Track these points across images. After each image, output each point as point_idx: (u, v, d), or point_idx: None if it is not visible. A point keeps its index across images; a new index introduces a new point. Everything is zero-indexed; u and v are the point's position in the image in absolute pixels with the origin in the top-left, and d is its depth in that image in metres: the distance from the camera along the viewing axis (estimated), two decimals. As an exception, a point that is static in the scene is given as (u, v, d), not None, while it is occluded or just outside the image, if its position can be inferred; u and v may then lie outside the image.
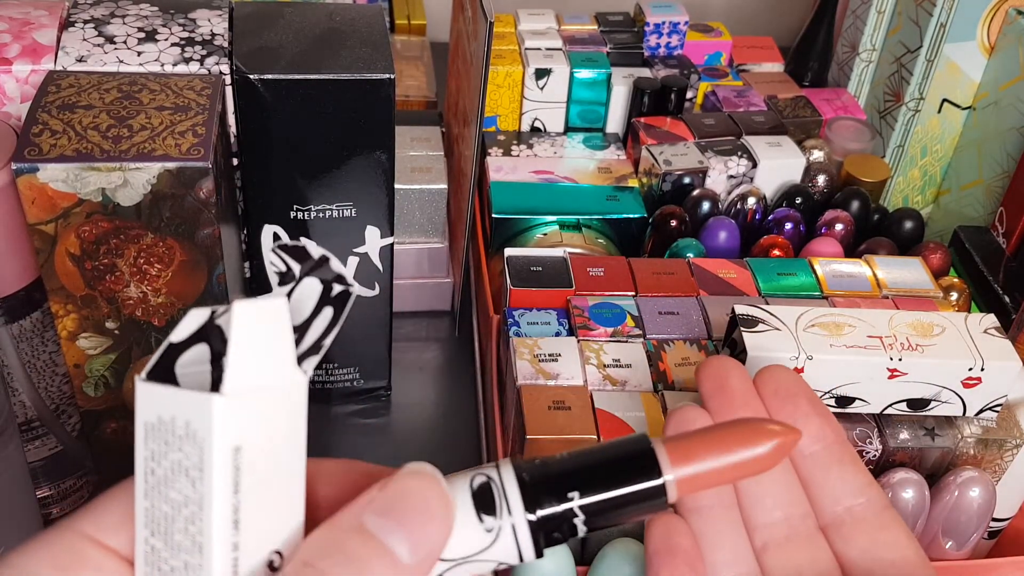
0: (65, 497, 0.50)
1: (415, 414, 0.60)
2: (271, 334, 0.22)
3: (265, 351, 0.22)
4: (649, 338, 0.48)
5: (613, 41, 0.71)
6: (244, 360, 0.21)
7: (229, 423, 0.21)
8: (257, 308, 0.22)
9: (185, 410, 0.21)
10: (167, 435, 0.22)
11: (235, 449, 0.21)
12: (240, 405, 0.21)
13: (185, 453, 0.22)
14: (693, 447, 0.25)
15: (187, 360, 0.22)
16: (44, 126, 0.38)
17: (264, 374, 0.22)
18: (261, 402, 0.22)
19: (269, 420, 0.22)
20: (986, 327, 0.44)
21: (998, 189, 0.64)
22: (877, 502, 0.28)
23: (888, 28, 0.70)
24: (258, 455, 0.22)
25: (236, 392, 0.21)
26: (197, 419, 0.21)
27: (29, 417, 0.46)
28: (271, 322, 0.22)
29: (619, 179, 0.63)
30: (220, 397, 0.21)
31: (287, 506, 0.23)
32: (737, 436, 0.25)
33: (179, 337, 0.22)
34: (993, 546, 0.49)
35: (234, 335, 0.21)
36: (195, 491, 0.22)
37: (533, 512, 0.24)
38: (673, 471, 0.24)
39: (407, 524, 0.22)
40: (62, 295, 0.41)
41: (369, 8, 0.49)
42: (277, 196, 0.48)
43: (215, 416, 0.21)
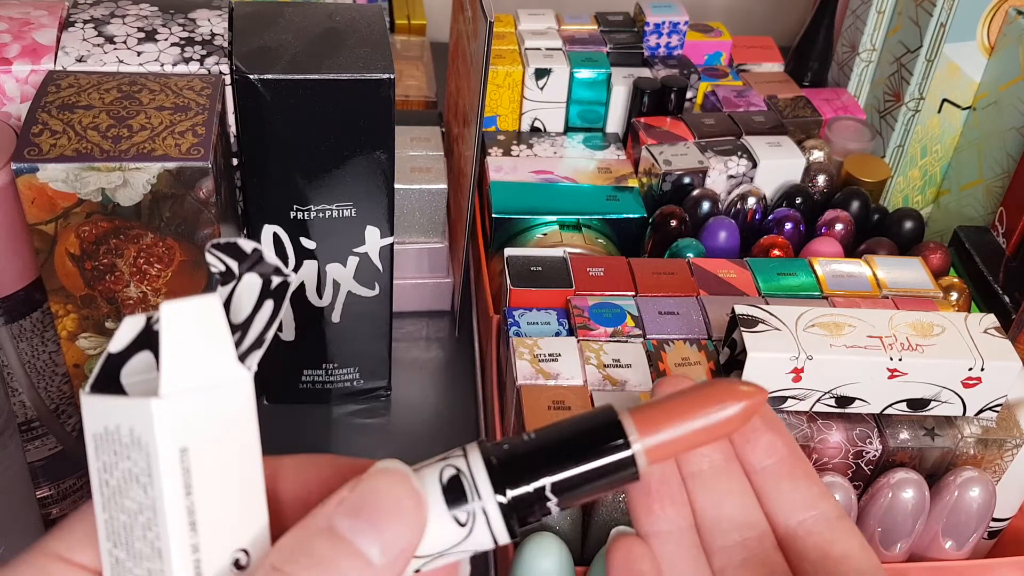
0: (65, 497, 0.50)
1: (415, 414, 0.60)
2: (205, 332, 0.22)
3: (201, 350, 0.22)
4: (649, 338, 0.48)
5: (613, 41, 0.71)
6: (179, 361, 0.21)
7: (171, 425, 0.21)
8: (186, 307, 0.21)
9: (128, 417, 0.21)
10: (115, 445, 0.22)
11: (181, 450, 0.21)
12: (180, 405, 0.21)
13: (133, 460, 0.21)
14: (659, 415, 0.25)
15: (131, 369, 0.22)
16: (44, 126, 0.38)
17: (203, 373, 0.22)
18: (203, 401, 0.22)
19: (214, 418, 0.22)
20: (986, 327, 0.44)
21: (998, 189, 0.64)
22: (830, 513, 0.28)
23: (888, 28, 0.70)
24: (207, 454, 0.22)
25: (174, 393, 0.21)
26: (140, 424, 0.21)
27: (29, 417, 0.46)
28: (203, 320, 0.22)
29: (619, 179, 0.63)
30: (158, 400, 0.21)
31: (247, 504, 0.23)
32: (703, 400, 0.25)
33: (117, 347, 0.22)
34: (993, 546, 0.49)
35: (165, 337, 0.21)
36: (147, 497, 0.22)
37: (503, 494, 0.23)
38: (641, 441, 0.24)
39: (378, 524, 0.22)
40: (62, 295, 0.41)
41: (369, 8, 0.49)
42: (277, 196, 0.48)
43: (155, 419, 0.21)
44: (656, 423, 0.24)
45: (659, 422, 0.24)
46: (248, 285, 0.23)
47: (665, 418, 0.24)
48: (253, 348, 0.23)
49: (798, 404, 0.43)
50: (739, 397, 0.25)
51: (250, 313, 0.23)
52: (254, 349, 0.23)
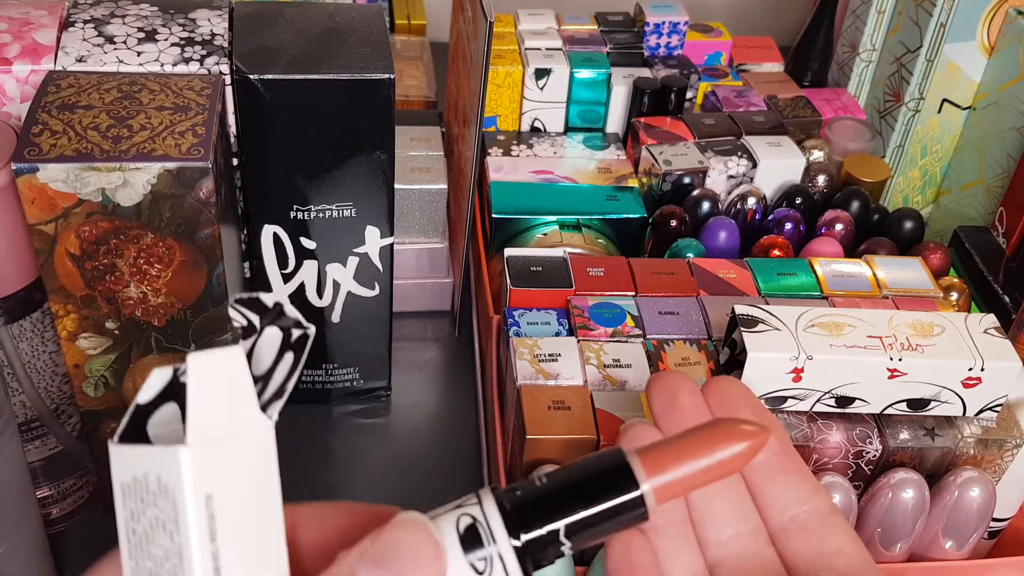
0: (65, 497, 0.50)
1: (415, 414, 0.60)
2: (230, 382, 0.23)
3: (226, 399, 0.23)
4: (649, 338, 0.48)
5: (613, 41, 0.71)
6: (206, 410, 0.22)
7: (197, 472, 0.22)
8: (212, 359, 0.22)
9: (156, 466, 0.22)
10: (142, 493, 0.22)
11: (207, 497, 0.22)
12: (207, 453, 0.22)
13: (160, 508, 0.22)
14: (666, 455, 0.25)
15: (158, 420, 0.23)
16: (44, 126, 0.38)
17: (228, 422, 0.23)
18: (228, 449, 0.22)
19: (238, 466, 0.23)
20: (986, 327, 0.44)
21: (998, 189, 0.64)
22: (822, 508, 0.28)
23: (888, 28, 0.70)
24: (231, 501, 0.22)
25: (201, 441, 0.22)
26: (167, 472, 0.22)
27: (29, 417, 0.46)
28: (228, 371, 0.23)
29: (619, 179, 0.63)
30: (186, 448, 0.22)
31: (268, 550, 0.24)
32: (707, 440, 0.26)
33: (145, 398, 0.23)
34: (993, 546, 0.49)
35: (192, 388, 0.22)
36: (173, 543, 0.22)
37: (517, 538, 0.24)
38: (649, 481, 0.25)
39: (400, 573, 0.23)
40: (62, 295, 0.41)
41: (369, 8, 0.49)
42: (277, 196, 0.48)
43: (183, 467, 0.22)
44: (663, 464, 0.25)
45: (666, 463, 0.25)
46: (269, 338, 0.24)
47: (672, 459, 0.25)
48: (274, 398, 0.24)
49: (798, 404, 0.43)
50: (743, 437, 0.26)
51: (271, 364, 0.24)
52: (275, 399, 0.24)
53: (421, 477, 0.56)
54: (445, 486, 0.55)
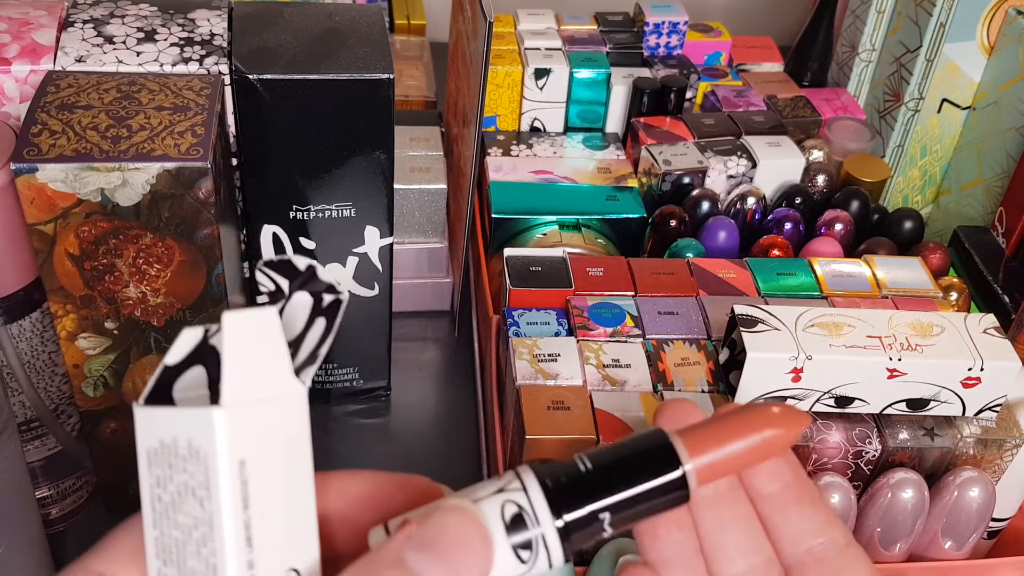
0: (64, 497, 0.50)
1: (415, 414, 0.60)
2: (265, 344, 0.22)
3: (261, 362, 0.22)
4: (649, 338, 0.48)
5: (613, 41, 0.71)
6: (241, 372, 0.21)
7: (232, 436, 0.21)
8: (247, 319, 0.21)
9: (186, 429, 0.21)
10: (170, 458, 0.21)
11: (240, 463, 0.21)
12: (241, 416, 0.21)
13: (190, 473, 0.21)
14: (707, 437, 0.25)
15: (185, 383, 0.22)
16: (43, 126, 0.38)
17: (262, 385, 0.22)
18: (262, 413, 0.22)
19: (272, 431, 0.22)
20: (986, 327, 0.44)
21: (998, 189, 0.64)
22: (838, 540, 0.28)
23: (888, 28, 0.70)
24: (264, 468, 0.22)
25: (236, 403, 0.21)
26: (199, 436, 0.21)
27: (29, 417, 0.46)
28: (263, 332, 0.22)
29: (619, 179, 0.63)
30: (220, 410, 0.21)
31: (299, 520, 0.23)
32: (750, 421, 0.26)
33: (174, 359, 0.22)
34: (993, 546, 0.49)
35: (227, 348, 0.21)
36: (204, 511, 0.21)
37: (560, 517, 0.24)
38: (692, 461, 0.25)
39: (448, 560, 0.22)
40: (61, 295, 0.41)
41: (368, 8, 0.49)
42: (276, 196, 0.48)
43: (217, 429, 0.21)
44: (705, 445, 0.25)
45: (707, 444, 0.25)
46: (300, 301, 0.23)
47: (714, 440, 0.25)
48: (307, 363, 0.23)
49: (797, 404, 0.43)
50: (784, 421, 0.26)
51: (303, 328, 0.23)
52: (308, 364, 0.23)
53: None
54: (445, 486, 0.55)
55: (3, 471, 0.39)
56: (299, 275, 0.23)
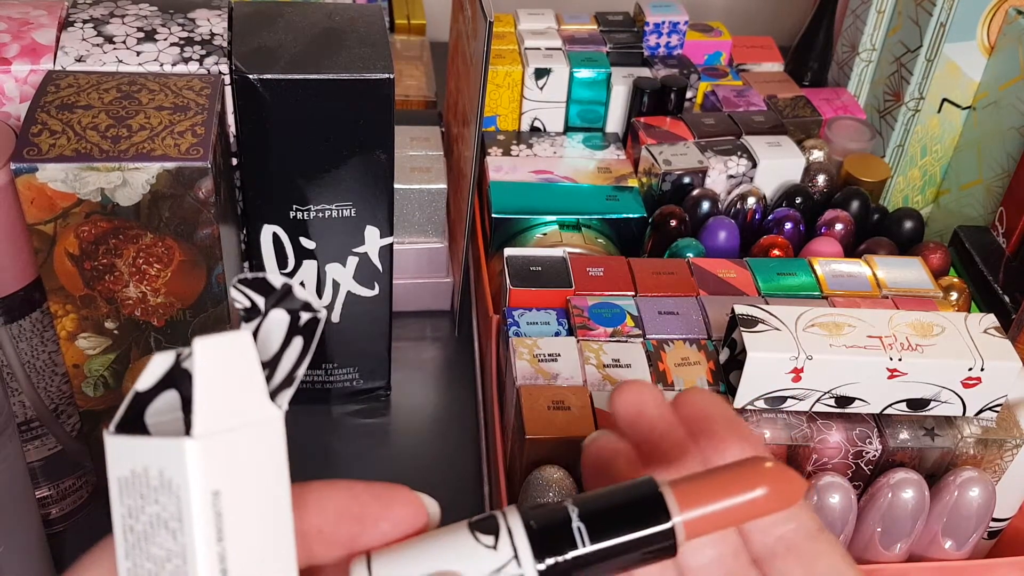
0: (64, 497, 0.50)
1: (415, 414, 0.60)
2: (238, 369, 0.21)
3: (234, 388, 0.21)
4: (649, 338, 0.48)
5: (613, 41, 0.71)
6: (213, 399, 0.21)
7: (205, 467, 0.20)
8: (219, 344, 0.21)
9: (158, 459, 0.20)
10: (142, 488, 0.21)
11: (214, 494, 0.21)
12: (214, 447, 0.20)
13: (162, 505, 0.21)
14: (699, 490, 0.24)
15: (157, 408, 0.22)
16: (43, 126, 0.38)
17: (236, 412, 0.21)
18: (236, 442, 0.21)
19: (247, 459, 0.21)
20: (986, 327, 0.44)
21: (998, 189, 0.64)
22: (809, 525, 0.27)
23: (888, 28, 0.70)
24: (238, 497, 0.21)
25: (208, 433, 0.20)
26: (171, 466, 0.20)
27: (28, 417, 0.46)
28: (236, 357, 0.21)
29: (619, 179, 0.63)
30: (192, 440, 0.20)
31: (277, 548, 0.22)
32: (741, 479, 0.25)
33: (145, 385, 0.21)
34: (993, 546, 0.49)
35: (198, 374, 0.20)
36: (176, 543, 0.21)
37: (541, 561, 0.23)
38: (682, 514, 0.24)
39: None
40: (61, 295, 0.41)
41: (368, 8, 0.49)
42: (276, 196, 0.48)
43: (188, 461, 0.20)
44: (696, 498, 0.24)
45: (699, 497, 0.24)
46: (275, 321, 0.23)
47: (705, 494, 0.24)
48: (283, 386, 0.22)
49: (798, 404, 0.43)
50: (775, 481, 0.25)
51: (278, 349, 0.23)
52: (284, 387, 0.22)
53: (420, 477, 0.55)
54: (445, 486, 0.55)
55: (3, 471, 0.39)
56: (273, 292, 0.23)
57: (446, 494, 0.47)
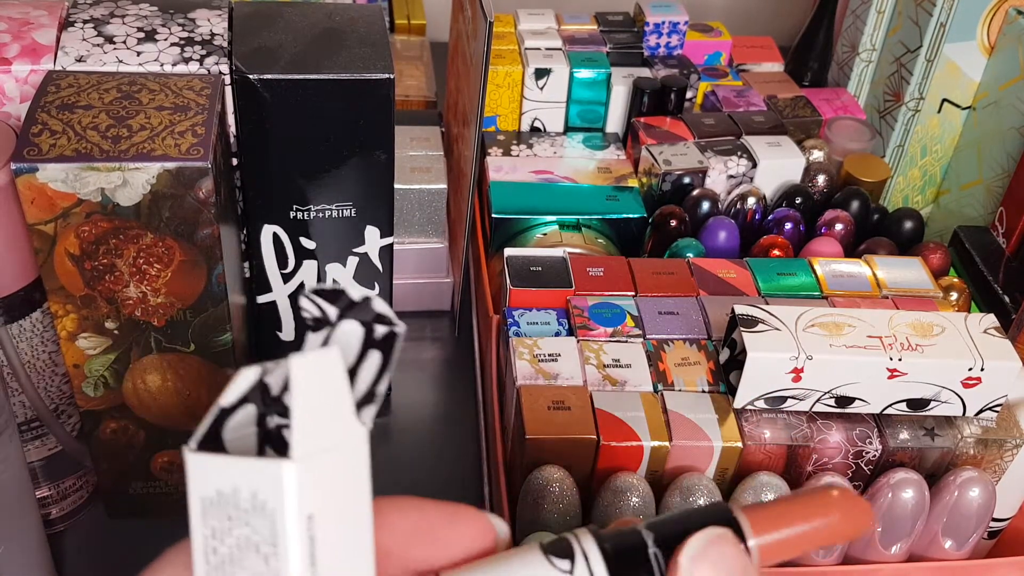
0: (64, 497, 0.50)
1: (415, 414, 0.60)
2: (329, 388, 0.21)
3: (326, 407, 0.20)
4: (649, 338, 0.48)
5: (613, 41, 0.71)
6: (309, 420, 0.20)
7: (300, 490, 0.20)
8: (314, 361, 0.20)
9: (250, 481, 0.20)
10: (230, 509, 0.20)
11: (308, 518, 0.20)
12: (310, 470, 0.20)
13: (253, 527, 0.20)
14: (773, 516, 0.25)
15: (234, 424, 0.21)
16: (43, 126, 0.38)
17: (328, 433, 0.20)
18: (328, 463, 0.20)
19: (336, 481, 0.21)
20: (986, 327, 0.44)
21: (998, 189, 0.64)
22: None
23: (888, 28, 0.70)
24: (330, 521, 0.20)
25: (306, 456, 0.20)
26: (266, 489, 0.20)
27: (29, 417, 0.46)
28: (328, 375, 0.20)
29: (619, 179, 0.63)
30: (291, 464, 0.19)
31: (361, 570, 0.22)
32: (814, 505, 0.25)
33: (229, 401, 0.21)
34: (993, 546, 0.49)
35: (295, 395, 0.20)
36: (268, 568, 0.20)
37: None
38: (756, 538, 0.24)
39: None
40: (61, 295, 0.41)
41: (368, 8, 0.49)
42: (276, 196, 0.48)
43: (287, 484, 0.19)
44: (768, 524, 0.24)
45: (771, 524, 0.24)
46: (348, 334, 0.22)
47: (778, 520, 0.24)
48: (365, 402, 0.22)
49: (798, 404, 0.43)
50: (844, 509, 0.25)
51: (355, 363, 0.22)
52: (367, 403, 0.22)
53: (421, 477, 0.56)
54: (445, 486, 0.55)
55: (3, 471, 0.39)
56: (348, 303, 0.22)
57: (446, 494, 0.47)
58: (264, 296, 0.51)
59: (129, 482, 0.48)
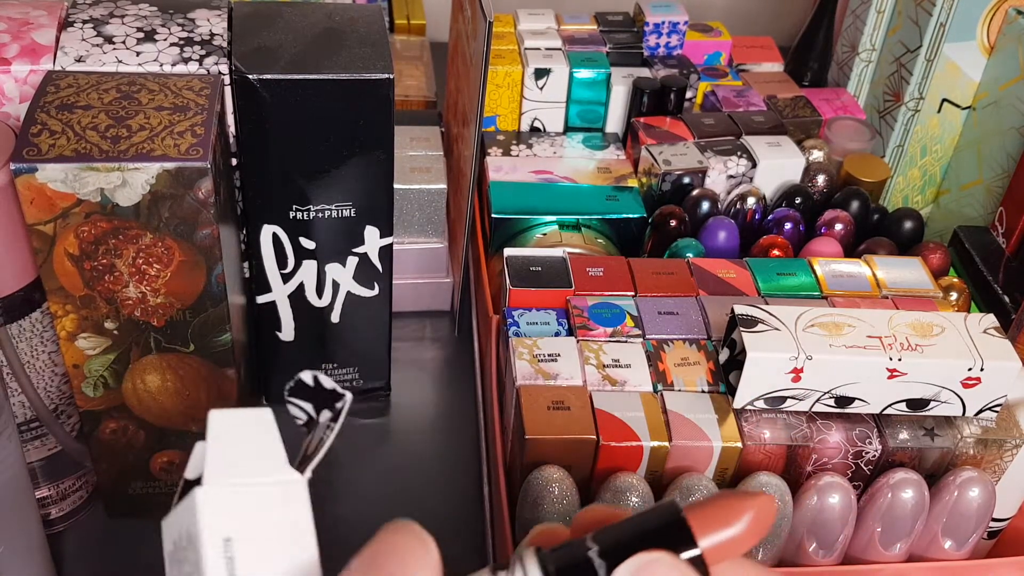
0: (64, 497, 0.50)
1: (415, 414, 0.60)
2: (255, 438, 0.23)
3: (250, 453, 0.23)
4: (649, 338, 0.48)
5: (613, 41, 0.71)
6: (224, 459, 0.22)
7: (213, 512, 0.22)
8: (233, 415, 0.23)
9: (185, 520, 0.22)
10: (180, 554, 0.22)
11: (225, 540, 0.22)
12: (223, 495, 0.22)
13: (190, 562, 0.22)
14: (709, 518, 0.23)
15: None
16: (43, 126, 0.38)
17: (252, 472, 0.23)
18: (249, 495, 0.22)
19: (262, 514, 0.23)
20: (986, 327, 0.44)
21: (998, 189, 0.64)
22: None
23: (888, 28, 0.70)
24: (253, 548, 0.22)
25: (218, 483, 0.22)
26: (190, 521, 0.22)
27: (28, 417, 0.46)
28: (253, 427, 0.23)
29: (618, 179, 0.63)
30: (201, 488, 0.22)
31: None
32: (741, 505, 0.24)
33: (192, 474, 0.23)
34: (993, 546, 0.49)
35: (211, 437, 0.23)
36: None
37: None
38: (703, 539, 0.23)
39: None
40: (61, 295, 0.41)
41: (368, 8, 0.49)
42: (276, 196, 0.48)
43: (199, 506, 0.22)
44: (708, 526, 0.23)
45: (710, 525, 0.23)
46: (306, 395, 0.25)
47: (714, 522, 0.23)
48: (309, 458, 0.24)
49: (798, 404, 0.43)
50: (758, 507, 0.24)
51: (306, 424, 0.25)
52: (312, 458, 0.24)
53: (420, 477, 0.56)
54: (445, 486, 0.55)
55: (3, 471, 0.39)
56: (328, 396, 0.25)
57: (445, 494, 0.47)
58: (264, 296, 0.51)
59: (129, 482, 0.48)
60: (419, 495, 0.54)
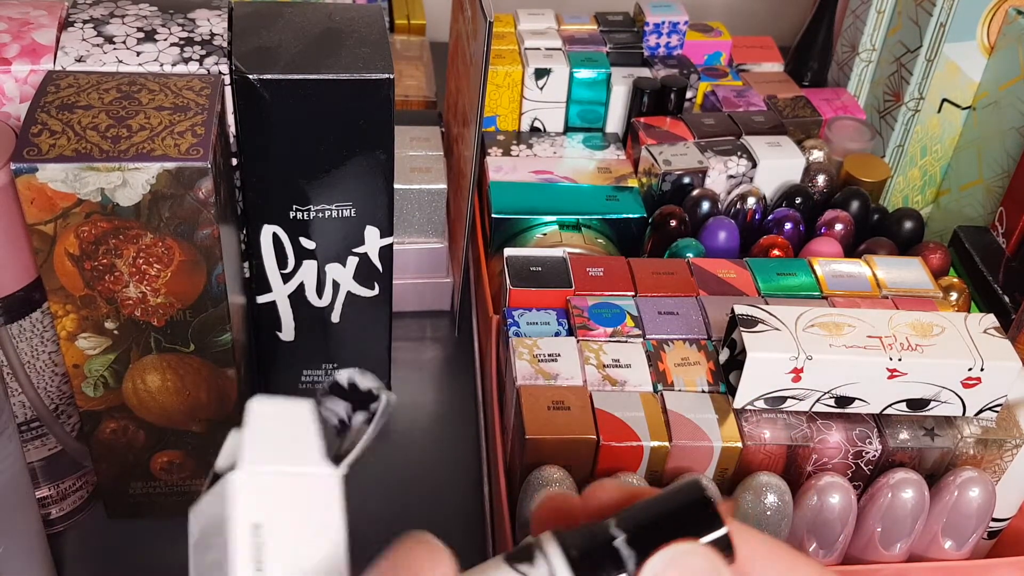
0: (64, 497, 0.50)
1: (415, 414, 0.60)
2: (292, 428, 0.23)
3: (286, 443, 0.23)
4: (649, 338, 0.48)
5: (613, 41, 0.71)
6: (260, 447, 0.22)
7: (246, 497, 0.21)
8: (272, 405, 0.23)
9: (214, 507, 0.22)
10: (208, 540, 0.22)
11: (255, 526, 0.21)
12: (256, 481, 0.22)
13: (216, 547, 0.22)
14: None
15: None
16: (43, 126, 0.38)
17: (287, 461, 0.23)
18: (282, 484, 0.22)
19: (294, 504, 0.22)
20: (986, 327, 0.44)
21: (998, 189, 0.64)
22: None
23: (888, 28, 0.70)
24: (283, 537, 0.22)
25: (252, 470, 0.22)
26: (220, 506, 0.22)
27: (29, 417, 0.46)
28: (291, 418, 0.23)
29: (619, 179, 0.63)
30: (234, 472, 0.21)
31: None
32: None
33: (223, 466, 0.23)
34: (993, 546, 0.49)
35: (249, 425, 0.22)
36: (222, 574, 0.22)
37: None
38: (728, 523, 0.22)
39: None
40: (61, 295, 0.41)
41: (368, 8, 0.49)
42: (276, 196, 0.48)
43: (231, 490, 0.21)
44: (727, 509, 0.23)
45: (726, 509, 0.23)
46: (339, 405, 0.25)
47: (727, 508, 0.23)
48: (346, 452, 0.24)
49: (798, 404, 0.43)
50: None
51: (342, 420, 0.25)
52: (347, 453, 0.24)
53: (421, 477, 0.56)
54: (445, 486, 0.55)
55: (3, 471, 0.39)
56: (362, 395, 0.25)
57: (446, 494, 0.47)
58: (264, 296, 0.51)
59: (129, 482, 0.48)
60: (419, 495, 0.54)
